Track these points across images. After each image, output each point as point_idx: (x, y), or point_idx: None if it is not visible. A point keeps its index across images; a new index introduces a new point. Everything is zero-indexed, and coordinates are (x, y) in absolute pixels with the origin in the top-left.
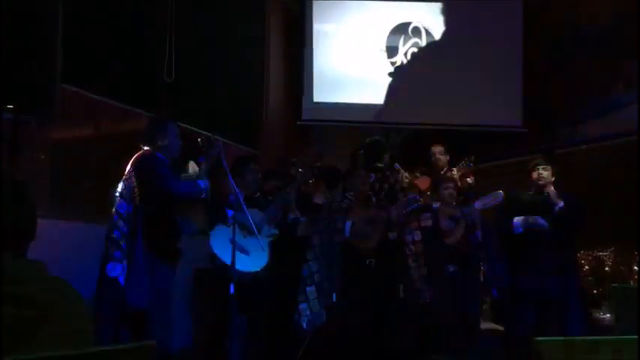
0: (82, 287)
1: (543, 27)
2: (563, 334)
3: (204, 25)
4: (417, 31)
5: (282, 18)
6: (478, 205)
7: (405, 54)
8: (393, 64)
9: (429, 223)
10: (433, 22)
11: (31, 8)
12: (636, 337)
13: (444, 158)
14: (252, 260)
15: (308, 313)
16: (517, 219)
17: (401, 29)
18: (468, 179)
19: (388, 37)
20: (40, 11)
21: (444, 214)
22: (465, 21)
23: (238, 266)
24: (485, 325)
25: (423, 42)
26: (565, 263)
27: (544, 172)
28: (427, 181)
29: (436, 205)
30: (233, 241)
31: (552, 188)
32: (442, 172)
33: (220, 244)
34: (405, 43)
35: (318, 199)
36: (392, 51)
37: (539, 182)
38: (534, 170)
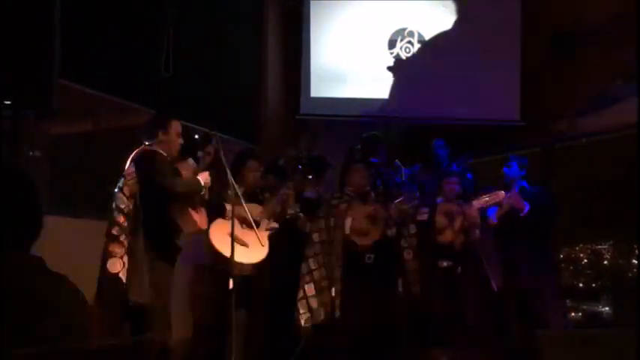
0: (81, 284)
1: (542, 21)
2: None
3: (202, 20)
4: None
5: (280, 13)
6: (477, 204)
7: (401, 47)
8: (391, 53)
9: (425, 217)
10: (430, 17)
11: (29, 3)
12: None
13: (443, 152)
14: (252, 252)
15: (306, 310)
16: (491, 209)
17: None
18: (469, 175)
19: (385, 33)
20: (38, 6)
21: (441, 210)
22: (463, 15)
23: (238, 258)
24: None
25: (415, 38)
26: (538, 256)
27: (507, 169)
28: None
29: (440, 200)
30: (232, 235)
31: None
32: (443, 166)
33: (220, 238)
34: (402, 40)
35: (309, 194)
36: (389, 46)
37: (505, 179)
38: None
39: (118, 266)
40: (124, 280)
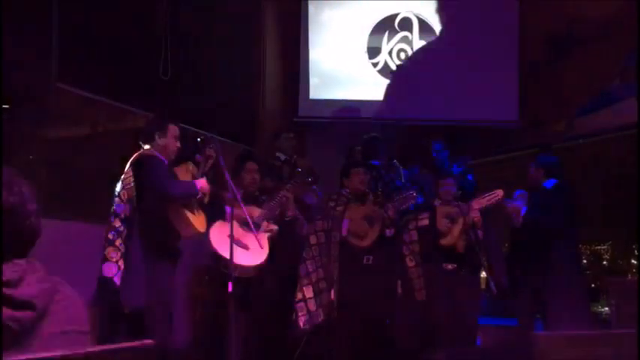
0: (78, 287)
1: (539, 22)
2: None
3: (200, 24)
4: (406, 23)
5: (278, 14)
6: (476, 204)
7: (390, 52)
8: (374, 64)
9: (426, 222)
10: (427, 11)
11: (26, 8)
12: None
13: (442, 154)
14: (252, 254)
15: (305, 312)
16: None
17: (386, 25)
18: (469, 176)
19: (370, 37)
20: (36, 10)
21: (442, 213)
22: (460, 17)
23: (238, 260)
24: (484, 322)
25: (415, 34)
26: (555, 255)
27: (530, 170)
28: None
29: (437, 202)
30: (231, 238)
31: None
32: (443, 168)
33: (219, 240)
34: (389, 39)
35: (308, 199)
36: (374, 51)
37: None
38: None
39: (113, 270)
40: (118, 284)
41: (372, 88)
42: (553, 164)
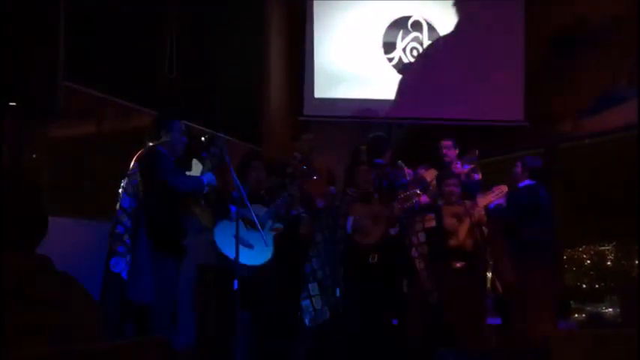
0: (83, 284)
1: (545, 22)
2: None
3: (205, 22)
4: (417, 25)
5: (284, 13)
6: (482, 201)
7: (404, 49)
8: (390, 59)
9: (433, 223)
10: (435, 16)
11: (33, 5)
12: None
13: (452, 153)
14: (257, 254)
15: (311, 310)
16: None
17: (400, 24)
18: (476, 175)
19: (386, 32)
20: (42, 8)
21: (448, 213)
22: (466, 16)
23: (243, 260)
24: (491, 321)
25: (425, 36)
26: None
27: (517, 169)
28: (433, 173)
29: (441, 202)
30: (237, 237)
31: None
32: (450, 167)
33: (224, 240)
34: (404, 37)
35: (320, 203)
36: (390, 46)
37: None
38: None
39: (120, 265)
40: (126, 279)
41: (379, 85)
42: (538, 168)
